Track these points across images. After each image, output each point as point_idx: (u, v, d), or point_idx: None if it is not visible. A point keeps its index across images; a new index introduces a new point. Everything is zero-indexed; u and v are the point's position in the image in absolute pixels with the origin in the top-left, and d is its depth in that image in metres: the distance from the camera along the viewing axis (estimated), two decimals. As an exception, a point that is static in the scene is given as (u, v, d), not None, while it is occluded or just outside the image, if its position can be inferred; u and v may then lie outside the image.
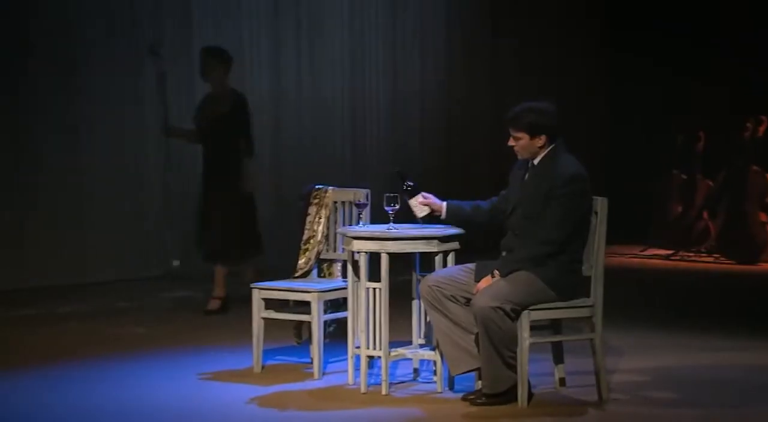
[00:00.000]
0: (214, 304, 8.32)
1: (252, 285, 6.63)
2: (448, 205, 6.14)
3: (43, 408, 5.88)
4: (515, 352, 5.76)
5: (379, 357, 6.10)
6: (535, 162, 5.90)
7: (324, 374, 6.45)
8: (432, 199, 6.14)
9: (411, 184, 6.13)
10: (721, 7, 11.99)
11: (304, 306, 6.53)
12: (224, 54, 8.31)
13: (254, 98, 10.80)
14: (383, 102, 11.63)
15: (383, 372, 6.07)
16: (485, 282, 5.83)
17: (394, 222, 6.14)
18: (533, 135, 5.83)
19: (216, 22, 10.58)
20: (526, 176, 5.94)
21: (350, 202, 6.74)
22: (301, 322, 6.73)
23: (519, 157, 5.97)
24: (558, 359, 6.17)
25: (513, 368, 5.78)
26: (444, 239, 6.10)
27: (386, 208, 6.11)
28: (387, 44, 11.68)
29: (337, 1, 11.34)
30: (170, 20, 10.31)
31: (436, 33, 12.00)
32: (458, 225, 6.14)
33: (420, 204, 6.14)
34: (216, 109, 8.20)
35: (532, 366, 5.88)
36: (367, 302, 6.13)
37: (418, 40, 11.87)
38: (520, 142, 5.87)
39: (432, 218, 6.15)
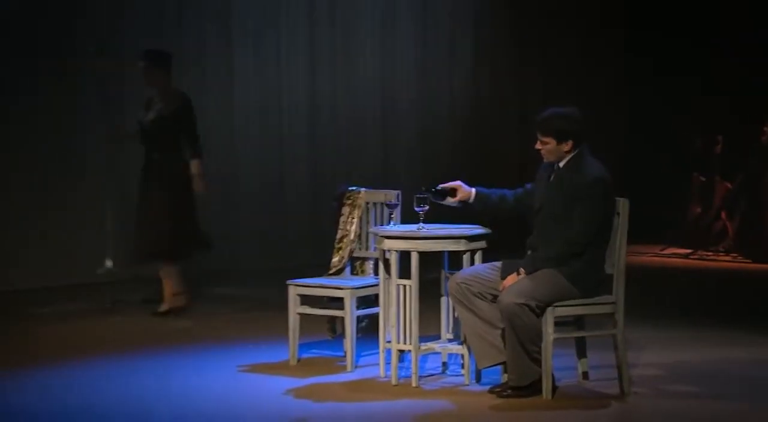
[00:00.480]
0: (178, 301, 8.04)
1: (288, 282, 6.61)
2: (477, 191, 6.12)
3: (97, 396, 5.92)
4: (540, 347, 5.74)
5: (410, 351, 6.10)
6: (561, 164, 5.89)
7: (357, 367, 6.44)
8: (462, 186, 6.11)
9: (436, 189, 6.10)
10: (721, 10, 11.94)
11: (337, 302, 6.52)
12: (166, 56, 8.00)
13: (291, 103, 10.86)
14: (413, 106, 11.59)
15: (413, 365, 6.07)
16: (511, 279, 5.82)
17: (424, 222, 6.12)
18: (560, 140, 5.82)
19: (256, 30, 10.57)
20: (552, 178, 5.93)
21: (382, 203, 6.74)
22: (334, 317, 6.73)
23: (545, 160, 5.94)
24: (581, 353, 6.14)
25: (538, 362, 5.76)
26: (471, 238, 6.10)
27: (416, 209, 6.10)
28: (417, 51, 11.63)
29: (369, 10, 11.30)
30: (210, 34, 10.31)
31: (464, 39, 11.94)
32: (485, 212, 6.12)
33: (451, 200, 6.12)
34: (160, 110, 7.89)
35: (556, 361, 5.86)
36: (398, 298, 6.13)
37: (446, 46, 11.82)
38: (547, 146, 5.85)
39: (462, 203, 6.12)
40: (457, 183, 6.12)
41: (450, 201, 6.11)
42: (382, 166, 11.15)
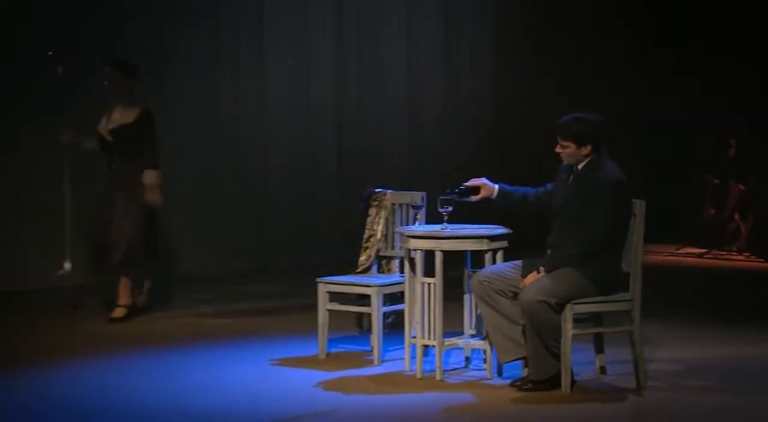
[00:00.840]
0: (119, 312, 7.74)
1: (318, 280, 6.61)
2: (499, 188, 6.12)
3: (141, 391, 5.94)
4: (559, 342, 5.74)
5: (434, 346, 6.09)
6: (579, 167, 5.88)
7: (383, 361, 6.44)
8: (486, 182, 6.10)
9: (460, 189, 6.10)
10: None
11: (365, 299, 6.53)
12: (130, 67, 7.74)
13: (319, 109, 10.81)
14: (436, 110, 11.54)
15: (437, 359, 6.07)
16: (531, 277, 5.81)
17: (448, 223, 6.12)
18: (580, 144, 5.81)
19: (287, 34, 10.56)
20: (570, 179, 5.92)
21: (407, 204, 6.74)
22: (361, 314, 6.73)
23: (565, 163, 5.93)
24: (599, 349, 6.13)
25: (557, 357, 5.75)
26: (493, 238, 6.09)
27: (440, 210, 6.10)
28: (440, 55, 11.57)
29: (395, 16, 11.24)
30: (245, 40, 10.32)
31: (485, 45, 11.88)
32: (506, 209, 6.12)
33: (474, 198, 6.11)
34: (120, 120, 7.65)
35: (575, 356, 5.85)
36: (423, 295, 6.13)
37: (469, 51, 11.75)
38: (567, 150, 5.84)
39: (485, 200, 6.11)
40: (482, 180, 6.12)
41: (474, 198, 6.11)
42: (408, 168, 11.13)
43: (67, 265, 7.92)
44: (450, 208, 6.07)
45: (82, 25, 9.17)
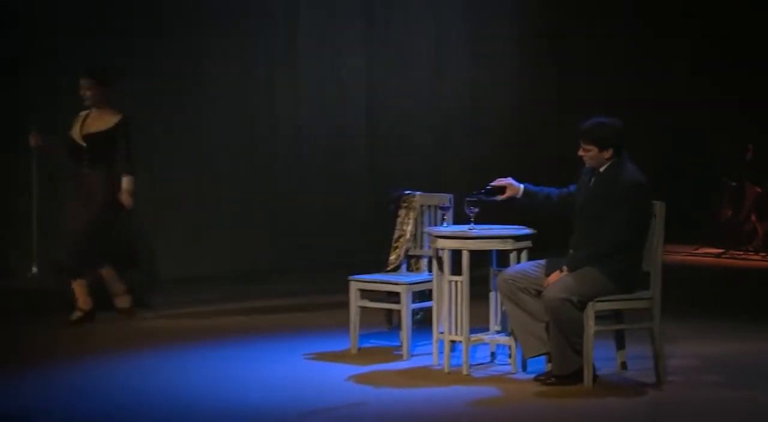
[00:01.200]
0: (76, 315, 7.44)
1: (349, 278, 6.61)
2: (525, 188, 6.10)
3: (181, 384, 5.97)
4: (581, 339, 5.73)
5: (461, 341, 6.10)
6: (601, 170, 5.87)
7: (412, 356, 6.44)
8: (512, 182, 6.09)
9: (486, 189, 6.08)
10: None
11: (394, 297, 6.53)
12: (111, 74, 7.56)
13: (352, 114, 10.74)
14: (463, 114, 11.43)
15: (464, 354, 6.07)
16: (555, 276, 5.80)
17: (474, 223, 6.11)
18: (602, 148, 5.80)
19: (319, 39, 10.51)
20: (592, 182, 5.90)
21: (435, 206, 6.73)
22: (391, 310, 6.73)
23: (587, 166, 5.91)
24: (620, 345, 6.11)
25: (579, 353, 5.74)
26: (518, 238, 6.09)
27: (467, 211, 6.09)
28: (467, 61, 11.46)
29: (424, 23, 11.14)
30: (277, 44, 10.29)
31: (509, 52, 11.76)
32: (531, 208, 6.10)
33: (500, 197, 6.10)
34: (96, 126, 7.41)
35: (597, 352, 5.83)
36: (450, 293, 6.13)
37: (493, 56, 11.62)
38: (589, 153, 5.83)
39: (511, 199, 6.09)
40: (508, 180, 6.10)
41: (500, 197, 6.09)
42: (436, 171, 11.06)
43: (35, 269, 7.70)
44: (476, 210, 6.07)
45: (98, 24, 9.04)
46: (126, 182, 7.39)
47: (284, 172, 10.28)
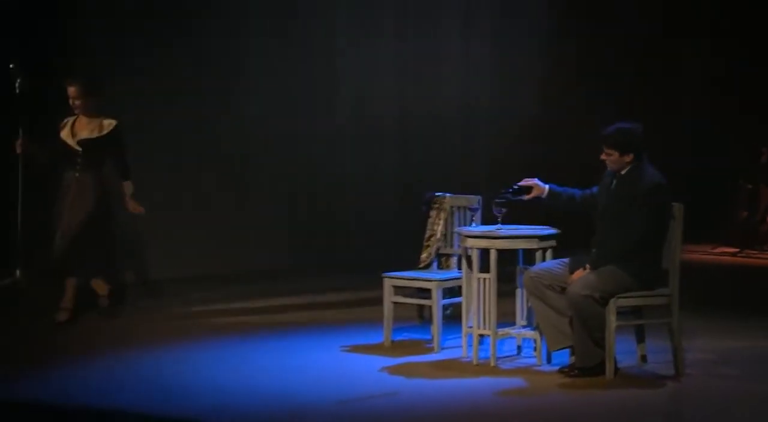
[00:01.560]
0: (63, 315, 7.21)
1: (383, 275, 6.63)
2: (550, 188, 6.10)
3: (221, 375, 6.00)
4: (603, 333, 5.74)
5: (488, 335, 6.11)
6: (623, 173, 5.88)
7: (442, 349, 6.45)
8: (538, 183, 6.10)
9: (513, 189, 6.10)
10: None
11: (426, 293, 6.55)
12: (100, 83, 7.37)
13: (385, 118, 10.54)
14: (489, 118, 11.25)
15: (491, 347, 6.09)
16: (578, 274, 5.82)
17: (502, 223, 6.14)
18: (623, 152, 5.82)
19: (352, 40, 10.38)
20: (614, 184, 5.91)
21: (465, 207, 6.75)
22: (422, 306, 6.76)
23: (609, 169, 5.93)
24: (640, 339, 6.11)
25: (601, 346, 5.75)
26: (543, 238, 6.12)
27: (495, 212, 6.11)
28: (492, 65, 11.28)
29: (452, 30, 11.01)
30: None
31: (535, 53, 11.49)
32: (556, 208, 6.11)
33: (527, 197, 6.11)
34: (89, 133, 7.19)
35: (618, 345, 5.84)
36: (478, 289, 6.15)
37: (517, 63, 11.39)
38: (611, 157, 5.85)
39: (536, 199, 6.10)
40: (534, 180, 6.11)
41: (526, 197, 6.10)
42: (465, 173, 10.83)
43: (17, 273, 7.40)
44: (504, 210, 6.10)
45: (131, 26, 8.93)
46: (127, 187, 7.25)
47: (320, 173, 10.15)
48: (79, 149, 7.13)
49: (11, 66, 7.05)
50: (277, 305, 8.13)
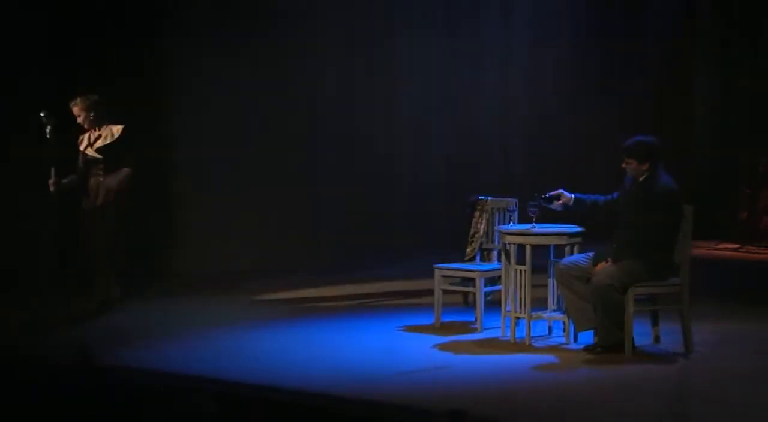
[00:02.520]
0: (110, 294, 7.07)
1: (434, 266, 6.65)
2: (575, 197, 6.13)
3: (298, 350, 6.09)
4: (622, 317, 5.77)
5: (524, 318, 6.15)
6: (640, 179, 5.93)
7: (484, 329, 6.48)
8: (564, 193, 6.14)
9: (544, 197, 6.16)
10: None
11: (470, 281, 6.62)
12: (90, 97, 7.03)
13: (432, 127, 10.25)
14: (527, 129, 10.88)
15: (527, 328, 6.13)
16: (601, 266, 5.87)
17: (536, 222, 6.21)
18: (641, 162, 5.87)
19: (402, 54, 9.98)
20: (633, 189, 5.96)
21: (503, 208, 6.81)
22: (467, 292, 6.83)
23: (628, 175, 5.99)
24: (655, 322, 6.13)
25: (621, 329, 5.79)
26: (571, 235, 6.18)
27: (530, 213, 6.18)
28: (531, 76, 10.89)
29: (494, 33, 10.53)
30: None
31: (567, 63, 11.06)
32: (581, 213, 6.14)
33: (556, 204, 6.16)
34: (104, 139, 6.99)
35: (635, 327, 5.85)
36: (515, 279, 6.21)
37: (555, 71, 11.02)
38: (630, 166, 5.91)
39: (564, 205, 6.14)
40: (560, 191, 6.19)
41: (555, 204, 6.18)
42: (504, 178, 10.05)
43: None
44: (537, 211, 6.16)
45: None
46: (122, 172, 6.90)
47: (373, 174, 9.81)
48: (100, 156, 6.97)
49: (42, 114, 6.79)
50: (343, 294, 8.03)
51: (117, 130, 7.02)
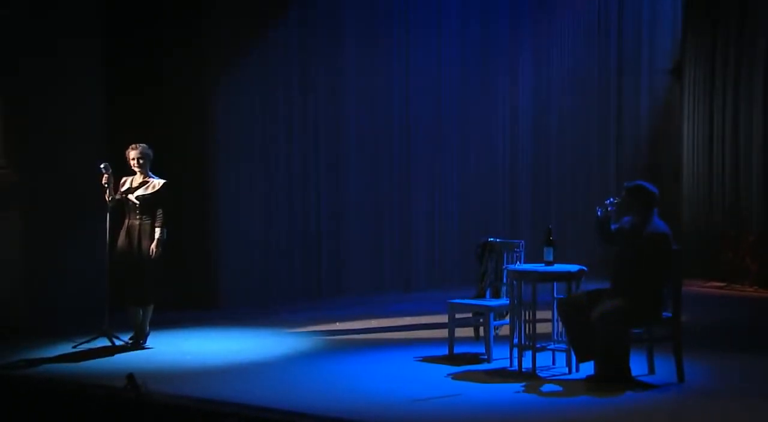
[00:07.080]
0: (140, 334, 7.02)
1: (448, 302, 6.63)
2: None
3: (308, 375, 6.08)
4: (620, 349, 5.73)
5: (530, 349, 6.12)
6: (635, 221, 5.86)
7: (494, 360, 6.43)
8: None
9: (611, 201, 5.91)
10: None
11: (481, 316, 6.59)
12: (150, 148, 7.09)
13: (450, 185, 9.95)
14: (531, 162, 10.29)
15: (532, 359, 6.09)
16: (601, 303, 5.80)
17: (551, 261, 6.11)
18: (638, 204, 5.82)
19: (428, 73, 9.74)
20: (627, 229, 5.88)
21: (511, 249, 6.76)
22: (478, 326, 6.79)
23: (625, 216, 5.93)
24: (650, 354, 6.06)
25: (619, 359, 5.73)
26: (573, 274, 6.13)
27: (598, 212, 5.85)
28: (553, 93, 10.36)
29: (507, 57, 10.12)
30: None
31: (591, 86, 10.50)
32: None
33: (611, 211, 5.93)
34: (144, 189, 6.99)
35: (632, 359, 5.80)
36: (522, 314, 6.18)
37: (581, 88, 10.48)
38: (628, 205, 5.84)
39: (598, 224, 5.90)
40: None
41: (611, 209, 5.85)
42: (511, 222, 10.21)
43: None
44: (603, 211, 5.86)
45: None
46: (159, 233, 6.93)
47: (399, 203, 9.49)
48: (137, 202, 7.00)
49: (102, 166, 6.87)
50: (367, 326, 7.92)
51: (157, 184, 7.04)
